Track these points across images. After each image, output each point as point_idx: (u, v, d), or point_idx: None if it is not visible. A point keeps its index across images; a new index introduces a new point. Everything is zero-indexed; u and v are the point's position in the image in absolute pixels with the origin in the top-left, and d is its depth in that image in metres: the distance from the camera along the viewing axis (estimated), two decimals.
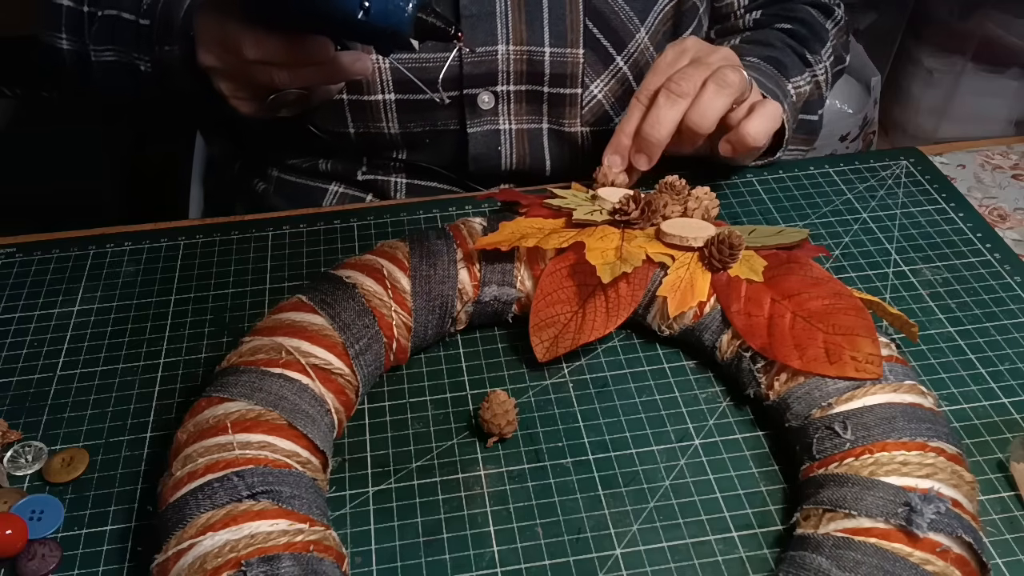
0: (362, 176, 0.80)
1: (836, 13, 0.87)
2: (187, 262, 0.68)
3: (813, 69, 0.80)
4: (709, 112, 0.62)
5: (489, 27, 0.72)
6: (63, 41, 0.77)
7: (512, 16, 0.72)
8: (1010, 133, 1.67)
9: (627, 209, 0.60)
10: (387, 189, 0.80)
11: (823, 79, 0.81)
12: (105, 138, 1.42)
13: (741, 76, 0.63)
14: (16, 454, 0.54)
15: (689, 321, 0.57)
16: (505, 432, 0.53)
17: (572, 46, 0.73)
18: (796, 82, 0.77)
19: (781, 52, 0.78)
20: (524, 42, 0.73)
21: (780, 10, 0.84)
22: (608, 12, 0.74)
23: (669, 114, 0.62)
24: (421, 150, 0.78)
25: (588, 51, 0.74)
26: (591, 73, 0.75)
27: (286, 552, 0.42)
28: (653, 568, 0.47)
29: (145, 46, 0.71)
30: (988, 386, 0.57)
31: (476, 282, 0.58)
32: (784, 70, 0.76)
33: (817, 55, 0.81)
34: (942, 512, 0.43)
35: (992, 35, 1.60)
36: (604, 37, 0.75)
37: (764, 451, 0.53)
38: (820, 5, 0.86)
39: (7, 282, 0.66)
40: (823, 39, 0.82)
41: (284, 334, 0.52)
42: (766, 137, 0.65)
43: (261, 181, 0.85)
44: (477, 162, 0.77)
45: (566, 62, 0.74)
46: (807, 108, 0.80)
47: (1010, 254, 0.66)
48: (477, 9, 0.71)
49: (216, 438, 0.46)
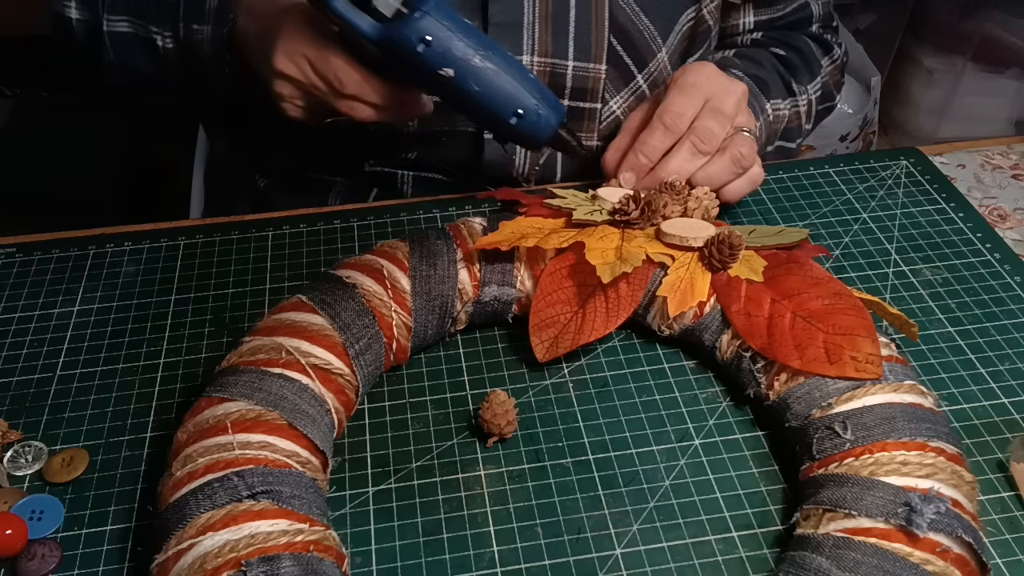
0: (369, 168, 0.80)
1: (835, 52, 0.88)
2: (187, 262, 0.68)
3: (796, 99, 0.81)
4: (715, 182, 0.65)
5: (516, 37, 0.72)
6: (72, 9, 0.75)
7: (539, 28, 0.73)
8: (1010, 133, 1.67)
9: (627, 209, 0.60)
10: (394, 180, 0.80)
11: (804, 110, 0.83)
12: (105, 138, 1.42)
13: (752, 148, 0.65)
14: (16, 454, 0.54)
15: (689, 321, 0.57)
16: (505, 432, 0.53)
17: (595, 61, 0.74)
18: (775, 103, 0.78)
19: (767, 73, 0.79)
20: (549, 54, 0.73)
21: (780, 36, 0.86)
22: (633, 30, 0.75)
23: (687, 167, 0.64)
24: (435, 148, 0.78)
25: (610, 67, 0.75)
26: (611, 89, 0.76)
27: (286, 552, 0.42)
28: (653, 568, 0.47)
29: (168, 21, 0.70)
30: (988, 386, 0.57)
31: (476, 282, 0.58)
32: (766, 90, 0.78)
33: (803, 86, 0.82)
34: (942, 512, 0.43)
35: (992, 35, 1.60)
36: (627, 55, 0.76)
37: (764, 451, 0.53)
38: (820, 40, 0.88)
39: (7, 282, 0.66)
40: (813, 73, 0.84)
41: (284, 334, 0.52)
42: (740, 197, 0.67)
43: (263, 177, 0.85)
44: (490, 167, 0.77)
45: (588, 76, 0.74)
46: (786, 135, 0.82)
47: (1010, 254, 0.66)
48: (505, 18, 0.72)
49: (216, 438, 0.46)
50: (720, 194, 0.66)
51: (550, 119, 0.62)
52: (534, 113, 0.61)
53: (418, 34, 0.57)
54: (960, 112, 1.68)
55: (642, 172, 0.65)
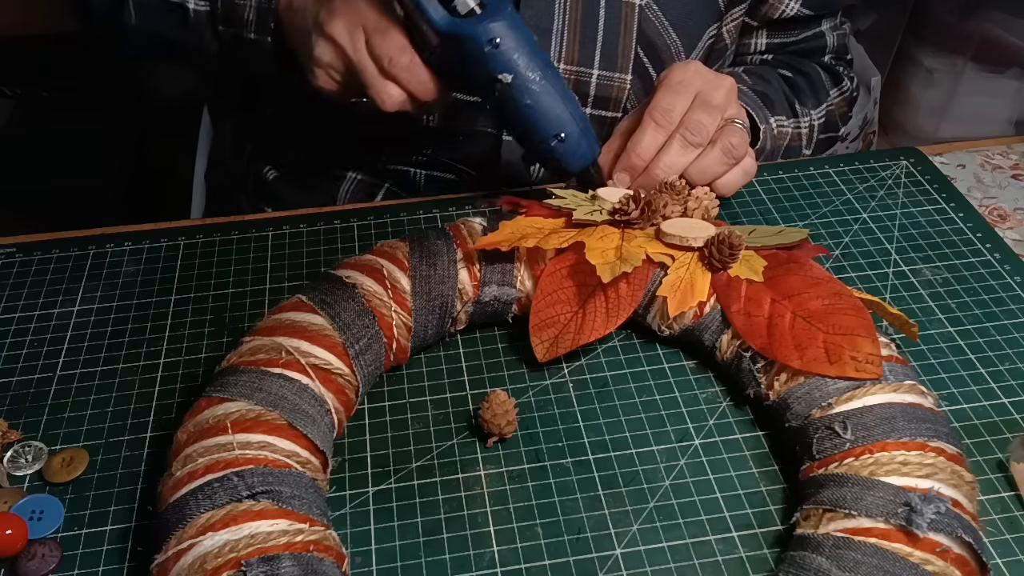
0: (382, 164, 0.80)
1: (845, 84, 0.88)
2: (187, 262, 0.68)
3: (798, 120, 0.81)
4: (708, 174, 0.65)
5: (544, 43, 0.72)
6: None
7: (567, 35, 0.73)
8: (1010, 133, 1.67)
9: (627, 209, 0.60)
10: (406, 177, 0.80)
11: (805, 133, 0.83)
12: (105, 137, 1.42)
13: (743, 138, 0.65)
14: (16, 454, 0.54)
15: (689, 321, 0.57)
16: (505, 432, 0.53)
17: (621, 71, 0.74)
18: (779, 119, 0.79)
19: (773, 91, 0.80)
20: (575, 62, 0.74)
21: (790, 59, 0.86)
22: (660, 43, 0.75)
23: (680, 161, 0.64)
24: (452, 146, 0.78)
25: (635, 78, 0.75)
26: (634, 100, 0.76)
27: (286, 552, 0.42)
28: (653, 568, 0.47)
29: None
30: (988, 386, 0.57)
31: (476, 282, 0.58)
32: (770, 106, 0.78)
33: (807, 109, 0.83)
34: (942, 512, 0.43)
35: (992, 35, 1.60)
36: (652, 67, 0.76)
37: (764, 451, 0.53)
38: (831, 71, 0.88)
39: (7, 282, 0.66)
40: (819, 99, 0.85)
41: (284, 334, 0.52)
42: (735, 191, 0.67)
43: (272, 168, 0.85)
44: (507, 168, 0.77)
45: (612, 86, 0.75)
46: (785, 154, 0.82)
47: (1010, 254, 0.66)
48: (535, 23, 0.72)
49: (216, 438, 0.46)
50: (714, 187, 0.66)
51: (588, 152, 0.63)
52: (575, 142, 0.62)
53: (489, 35, 0.58)
54: (960, 112, 1.68)
55: (636, 172, 0.65)
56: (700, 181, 0.65)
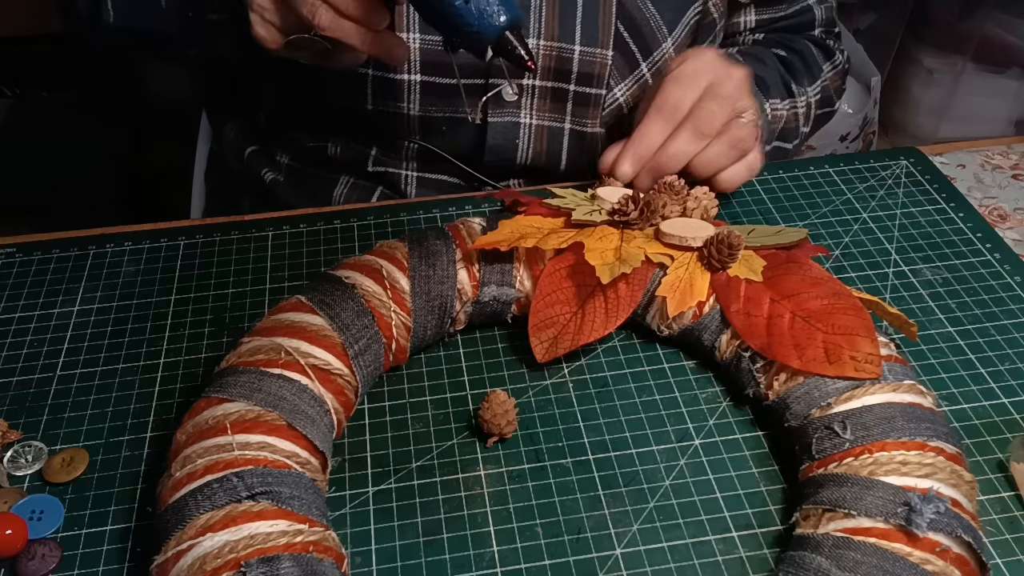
0: (372, 167, 0.80)
1: (837, 57, 0.88)
2: (187, 262, 0.68)
3: (794, 100, 0.81)
4: (712, 166, 0.65)
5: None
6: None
7: (546, 12, 0.73)
8: (1010, 133, 1.67)
9: (626, 209, 0.60)
10: (397, 181, 0.80)
11: (803, 112, 0.83)
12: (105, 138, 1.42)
13: (751, 132, 0.65)
14: (16, 454, 0.54)
15: (688, 321, 0.57)
16: (505, 432, 0.53)
17: (602, 47, 0.74)
18: (774, 103, 0.78)
19: (769, 73, 0.80)
20: (555, 38, 0.73)
21: (781, 38, 0.86)
22: (640, 18, 0.75)
23: (688, 149, 0.64)
24: (436, 137, 0.78)
25: (616, 54, 0.75)
26: (616, 76, 0.76)
27: (286, 553, 0.42)
28: (653, 568, 0.47)
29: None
30: (988, 386, 0.57)
31: (475, 282, 0.58)
32: (765, 90, 0.78)
33: (802, 88, 0.83)
34: (942, 512, 0.43)
35: (992, 35, 1.60)
36: (633, 42, 0.76)
37: (764, 451, 0.53)
38: (822, 45, 0.88)
39: (7, 282, 0.66)
40: (814, 76, 0.84)
41: (283, 334, 0.52)
42: (738, 186, 0.67)
43: (270, 170, 0.85)
44: (493, 152, 0.77)
45: (594, 62, 0.74)
46: (783, 135, 0.82)
47: (1010, 254, 0.66)
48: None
49: (215, 439, 0.46)
50: (717, 181, 0.65)
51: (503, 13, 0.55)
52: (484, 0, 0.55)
53: None
54: (960, 112, 1.68)
55: (642, 161, 0.65)
56: (704, 173, 0.65)
